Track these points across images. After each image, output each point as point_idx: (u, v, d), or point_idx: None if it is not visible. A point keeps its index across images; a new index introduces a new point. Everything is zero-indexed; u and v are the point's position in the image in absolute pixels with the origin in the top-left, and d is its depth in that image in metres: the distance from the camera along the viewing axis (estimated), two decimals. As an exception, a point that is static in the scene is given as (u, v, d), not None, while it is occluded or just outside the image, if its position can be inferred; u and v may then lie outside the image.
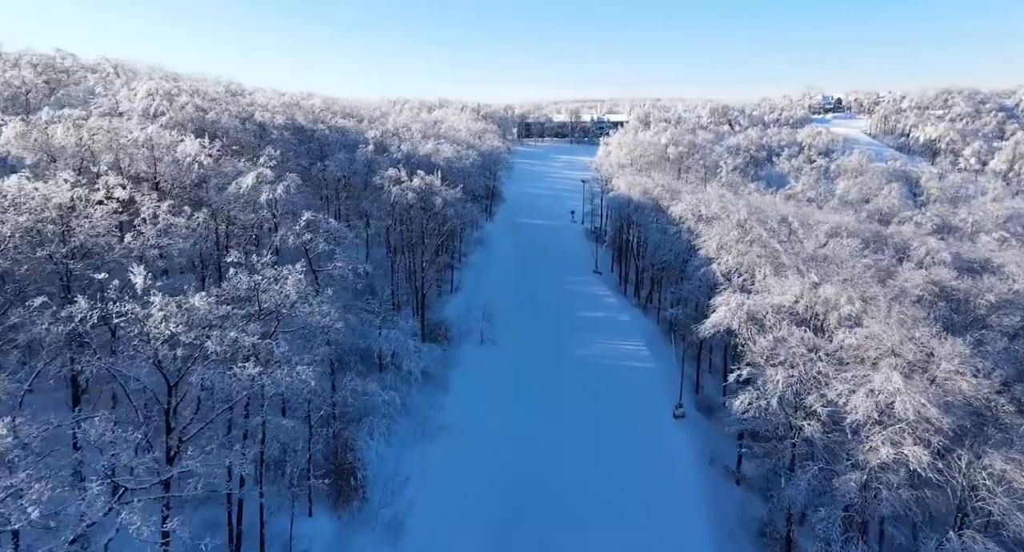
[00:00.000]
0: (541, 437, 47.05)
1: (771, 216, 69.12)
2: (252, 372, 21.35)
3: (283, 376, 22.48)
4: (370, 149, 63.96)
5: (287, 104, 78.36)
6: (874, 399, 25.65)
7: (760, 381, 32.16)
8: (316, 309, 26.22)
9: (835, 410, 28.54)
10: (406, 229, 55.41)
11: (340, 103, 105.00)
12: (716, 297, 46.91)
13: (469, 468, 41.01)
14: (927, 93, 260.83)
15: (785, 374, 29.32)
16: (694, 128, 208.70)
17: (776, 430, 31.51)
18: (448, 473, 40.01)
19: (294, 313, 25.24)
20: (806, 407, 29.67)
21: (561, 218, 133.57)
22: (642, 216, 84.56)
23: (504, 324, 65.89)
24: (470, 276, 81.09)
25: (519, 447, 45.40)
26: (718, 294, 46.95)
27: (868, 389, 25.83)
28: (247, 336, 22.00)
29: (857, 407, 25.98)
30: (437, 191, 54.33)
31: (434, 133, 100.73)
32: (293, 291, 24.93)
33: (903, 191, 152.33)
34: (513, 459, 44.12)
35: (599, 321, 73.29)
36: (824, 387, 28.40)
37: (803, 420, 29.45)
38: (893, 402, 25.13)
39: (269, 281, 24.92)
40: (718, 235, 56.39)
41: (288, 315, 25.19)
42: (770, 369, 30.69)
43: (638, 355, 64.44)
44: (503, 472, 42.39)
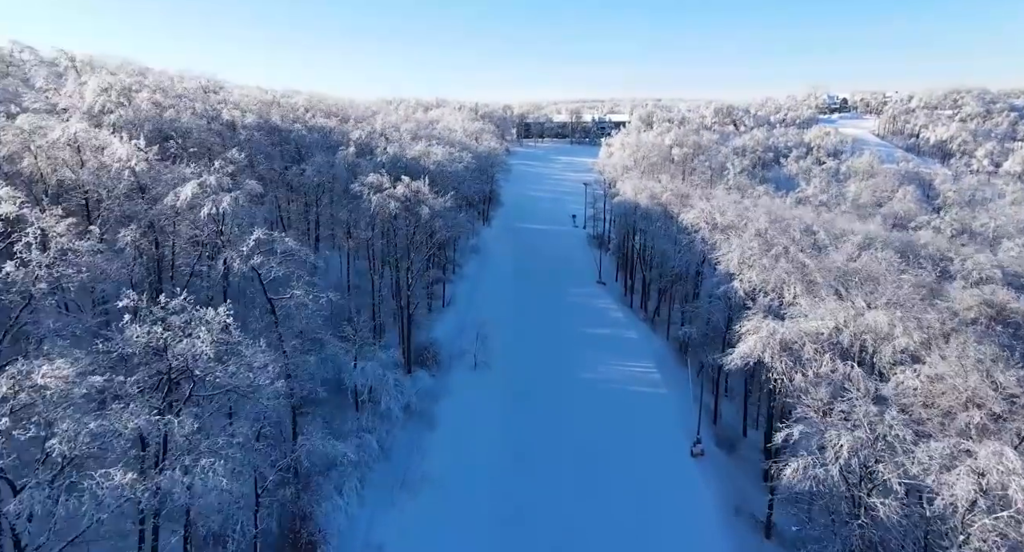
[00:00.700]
0: (540, 485, 40.86)
1: (793, 225, 63.10)
2: (122, 481, 14.97)
3: (178, 479, 16.23)
4: (351, 151, 57.68)
5: (264, 102, 72.21)
6: (978, 481, 19.71)
7: (814, 442, 26.11)
8: (252, 360, 20.18)
9: (915, 482, 22.52)
10: (390, 242, 49.27)
11: (328, 102, 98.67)
12: (743, 322, 40.83)
13: (456, 530, 34.82)
14: (935, 93, 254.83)
15: (850, 438, 23.31)
16: (698, 128, 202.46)
17: (835, 503, 25.41)
18: (430, 538, 33.81)
19: (211, 373, 19.16)
20: (875, 478, 23.67)
21: (562, 222, 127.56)
22: (649, 223, 78.49)
23: (500, 344, 59.78)
24: (464, 289, 74.95)
25: (514, 498, 39.21)
26: (745, 318, 40.85)
27: (970, 467, 19.90)
28: (128, 418, 15.75)
29: (953, 486, 20.02)
30: (424, 199, 48.17)
31: (427, 134, 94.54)
32: (207, 345, 18.78)
33: (917, 194, 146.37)
34: (508, 512, 37.99)
35: (604, 339, 67.14)
36: (901, 455, 22.45)
37: (874, 496, 23.41)
38: (1005, 485, 19.20)
39: (176, 333, 18.80)
40: (739, 248, 50.28)
41: (203, 377, 19.13)
42: (831, 431, 24.57)
43: (648, 379, 58.31)
44: (496, 529, 36.26)
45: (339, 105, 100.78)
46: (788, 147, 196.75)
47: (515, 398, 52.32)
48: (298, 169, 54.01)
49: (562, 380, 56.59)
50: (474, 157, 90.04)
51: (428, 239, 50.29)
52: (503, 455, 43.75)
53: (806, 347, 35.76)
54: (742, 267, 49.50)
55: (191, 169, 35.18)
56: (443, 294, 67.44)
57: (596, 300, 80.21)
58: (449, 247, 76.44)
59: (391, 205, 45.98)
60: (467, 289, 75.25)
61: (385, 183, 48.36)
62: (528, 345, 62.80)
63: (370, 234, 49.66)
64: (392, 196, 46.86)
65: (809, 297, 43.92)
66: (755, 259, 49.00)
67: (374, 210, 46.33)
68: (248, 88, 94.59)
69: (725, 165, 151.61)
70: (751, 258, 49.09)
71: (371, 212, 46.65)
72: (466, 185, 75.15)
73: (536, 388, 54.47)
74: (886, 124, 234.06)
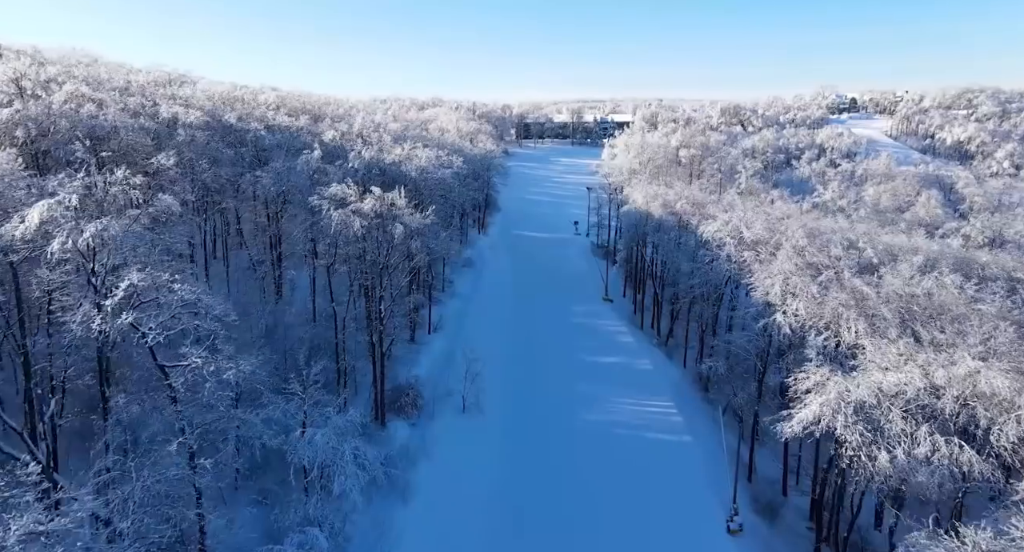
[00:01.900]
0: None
1: (834, 240, 54.47)
2: None
3: None
4: (315, 156, 48.85)
5: (226, 98, 63.57)
6: None
7: None
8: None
9: None
10: (355, 267, 40.58)
11: (307, 99, 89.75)
12: (799, 371, 32.19)
13: None
14: (947, 92, 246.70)
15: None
16: (704, 129, 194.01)
17: None
18: None
19: None
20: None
21: (563, 229, 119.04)
22: (662, 235, 69.91)
23: (495, 380, 51.25)
24: (454, 310, 66.27)
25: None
26: (802, 369, 32.20)
27: None
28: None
29: None
30: (399, 214, 39.47)
31: (415, 135, 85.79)
32: None
33: (939, 199, 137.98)
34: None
35: (614, 369, 58.51)
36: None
37: None
38: None
39: None
40: (781, 274, 41.66)
41: None
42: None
43: (668, 422, 49.68)
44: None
45: (316, 102, 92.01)
46: (799, 148, 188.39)
47: (511, 451, 43.72)
48: (252, 176, 45.46)
49: (567, 425, 48.01)
50: (466, 161, 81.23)
51: (405, 261, 41.63)
52: (497, 530, 35.14)
53: (892, 415, 27.13)
54: (786, 296, 40.86)
55: (56, 181, 26.04)
56: (429, 318, 58.75)
57: (603, 321, 71.58)
58: (438, 262, 67.82)
59: (356, 223, 37.37)
60: (458, 310, 66.58)
61: (350, 195, 39.69)
62: (527, 380, 54.25)
63: (331, 258, 41.05)
64: (358, 212, 38.18)
65: (874, 337, 35.31)
66: (801, 287, 40.37)
67: (335, 229, 37.73)
68: (223, 84, 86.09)
69: (736, 168, 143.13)
70: (796, 286, 40.45)
71: (331, 231, 38.06)
72: (456, 193, 66.39)
73: (536, 436, 45.88)
74: (899, 124, 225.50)
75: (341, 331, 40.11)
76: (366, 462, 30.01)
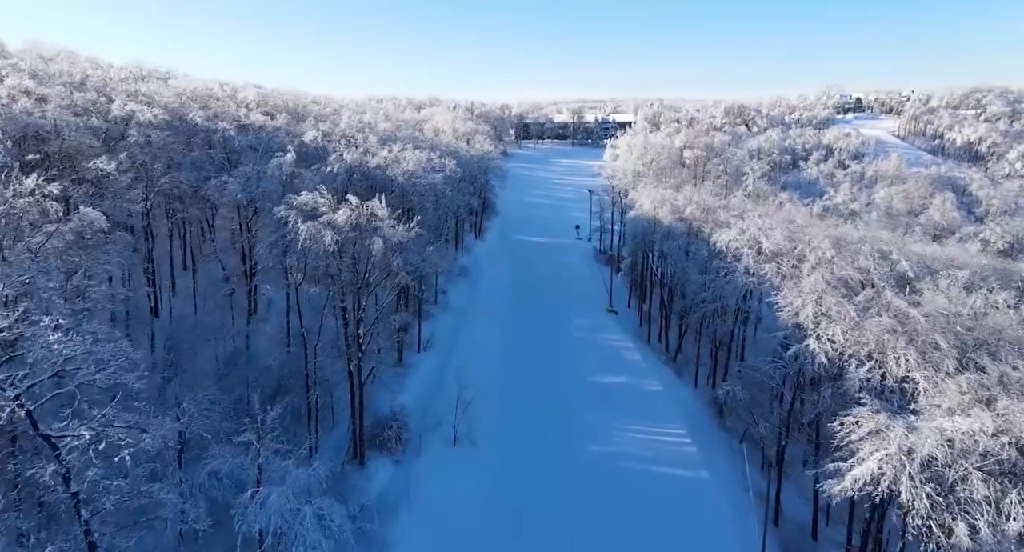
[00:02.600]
0: None
1: (864, 251, 49.65)
2: None
3: None
4: (288, 159, 43.72)
5: (198, 95, 58.56)
6: None
7: None
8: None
9: None
10: (331, 287, 35.58)
11: (294, 97, 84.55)
12: (845, 418, 27.27)
13: None
14: (955, 92, 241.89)
15: None
16: (708, 129, 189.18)
17: None
18: None
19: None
20: None
21: (564, 234, 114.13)
22: (671, 243, 65.00)
23: (490, 406, 46.46)
24: (447, 325, 61.32)
25: None
26: (848, 413, 27.27)
27: None
28: None
29: None
30: (379, 227, 34.50)
31: (406, 135, 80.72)
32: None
33: (954, 201, 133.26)
34: None
35: (620, 391, 53.65)
36: None
37: None
38: None
39: None
40: (814, 294, 36.77)
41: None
42: None
43: (681, 455, 44.76)
44: None
45: (302, 101, 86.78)
46: (805, 149, 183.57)
47: (506, 490, 38.85)
48: (219, 182, 40.61)
49: (569, 458, 43.14)
50: (461, 163, 76.17)
51: (387, 280, 36.66)
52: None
53: (970, 478, 22.25)
54: (820, 319, 35.98)
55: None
56: (419, 336, 53.81)
57: (608, 335, 66.66)
58: (430, 274, 62.87)
59: (327, 238, 32.49)
60: (451, 325, 61.64)
61: (323, 205, 34.77)
62: (525, 405, 49.38)
63: (300, 278, 36.06)
64: (331, 224, 33.27)
65: (927, 368, 30.45)
66: (837, 309, 35.50)
67: (303, 244, 32.84)
68: (198, 81, 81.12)
69: (742, 169, 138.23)
70: (831, 308, 35.59)
71: (299, 247, 33.17)
72: (448, 199, 61.22)
73: (534, 472, 41.00)
74: (907, 125, 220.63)
75: (312, 361, 35.23)
76: (332, 525, 25.09)
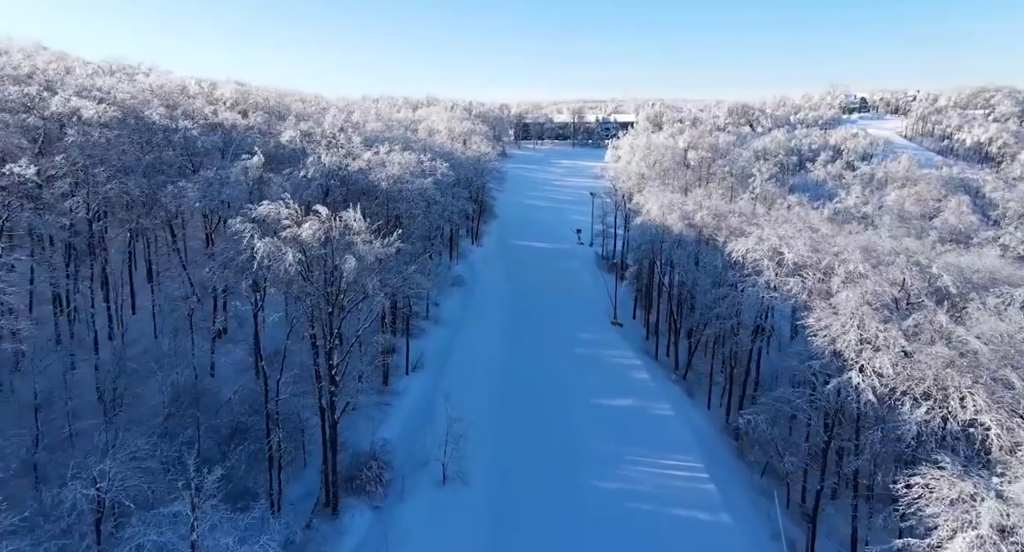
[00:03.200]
0: None
1: (899, 263, 44.94)
2: None
3: None
4: (255, 162, 38.61)
5: (167, 91, 53.70)
6: None
7: None
8: None
9: None
10: (296, 312, 30.74)
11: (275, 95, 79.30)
12: (910, 478, 22.49)
13: None
14: (962, 92, 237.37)
15: None
16: (711, 129, 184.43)
17: None
18: None
19: None
20: None
21: (564, 238, 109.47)
22: (681, 251, 60.28)
23: (484, 436, 41.75)
24: (439, 342, 56.48)
25: None
26: (922, 477, 22.47)
27: None
28: None
29: None
30: (351, 242, 29.56)
31: (398, 136, 75.84)
32: None
33: (969, 204, 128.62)
34: None
35: (628, 417, 48.84)
36: None
37: None
38: None
39: None
40: (855, 318, 31.97)
41: None
42: None
43: (698, 493, 39.88)
44: None
45: (284, 99, 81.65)
46: (812, 150, 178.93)
47: (504, 539, 34.08)
48: (176, 188, 35.81)
49: (572, 498, 38.34)
50: (455, 166, 71.25)
51: (364, 302, 31.74)
52: None
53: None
54: (864, 347, 31.20)
55: None
56: (408, 356, 48.99)
57: (613, 351, 61.86)
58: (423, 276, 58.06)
59: (289, 256, 27.67)
60: (443, 342, 56.83)
61: (285, 217, 29.87)
62: (524, 434, 44.58)
63: (258, 302, 31.16)
64: (294, 240, 28.39)
65: (1000, 411, 25.72)
66: (883, 335, 30.72)
67: (259, 263, 28.00)
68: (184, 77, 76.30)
69: (748, 171, 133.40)
70: (874, 332, 30.81)
71: (255, 267, 28.30)
72: (439, 206, 56.23)
73: (534, 515, 36.23)
74: (914, 125, 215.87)
75: (274, 399, 30.33)
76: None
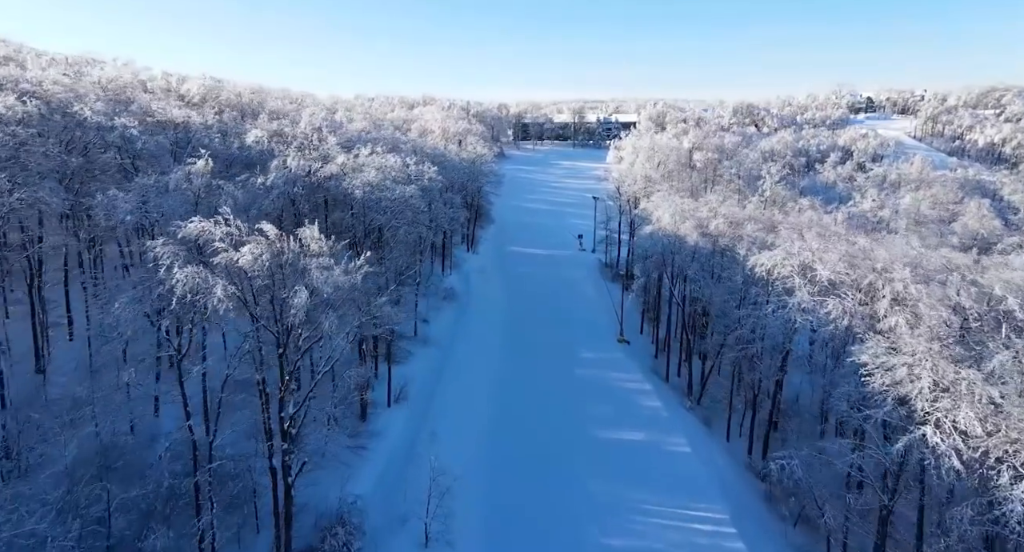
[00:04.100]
0: None
1: (953, 282, 39.13)
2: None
3: None
4: (200, 167, 32.33)
5: (120, 85, 47.70)
6: None
7: None
8: None
9: None
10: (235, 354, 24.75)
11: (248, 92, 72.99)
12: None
13: None
14: (972, 91, 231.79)
15: None
16: (716, 130, 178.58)
17: None
18: None
19: None
20: None
21: (565, 244, 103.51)
22: (696, 265, 54.47)
23: (474, 482, 36.03)
24: (427, 365, 50.54)
25: None
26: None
27: None
28: None
29: None
30: (306, 268, 23.31)
31: (387, 137, 69.96)
32: None
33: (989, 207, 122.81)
34: None
35: (639, 454, 43.06)
36: None
37: None
38: None
39: None
40: (928, 360, 26.10)
41: None
42: None
43: None
44: None
45: (260, 96, 75.46)
46: (820, 151, 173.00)
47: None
48: (106, 197, 29.97)
49: None
50: (447, 169, 65.31)
51: (322, 342, 25.58)
52: None
53: None
54: (936, 394, 25.38)
55: None
56: (388, 386, 43.10)
57: (619, 374, 56.02)
58: (409, 291, 52.27)
59: (218, 291, 21.62)
60: (431, 367, 50.90)
61: (219, 237, 23.67)
62: (520, 477, 38.80)
63: (181, 344, 25.02)
64: (227, 269, 22.28)
65: None
66: (965, 385, 24.88)
67: (179, 298, 21.84)
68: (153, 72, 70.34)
69: (755, 173, 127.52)
70: (958, 382, 24.98)
71: (172, 306, 22.18)
72: (425, 217, 49.76)
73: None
74: (924, 125, 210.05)
75: (203, 467, 24.27)
76: None
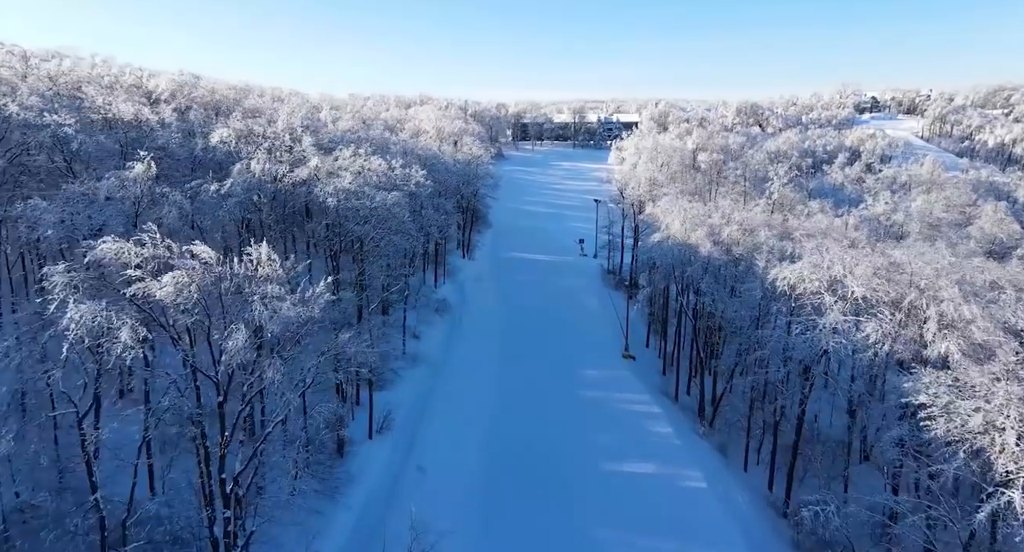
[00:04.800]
0: None
1: (1006, 300, 34.75)
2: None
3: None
4: (138, 172, 27.68)
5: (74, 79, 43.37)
6: None
7: None
8: None
9: None
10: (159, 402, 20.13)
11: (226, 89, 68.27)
12: None
13: None
14: (979, 90, 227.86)
15: None
16: (720, 130, 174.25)
17: None
18: None
19: None
20: None
21: (566, 250, 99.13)
22: (709, 277, 50.05)
23: (465, 535, 31.55)
24: (415, 388, 46.05)
25: None
26: None
27: None
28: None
29: None
30: (250, 298, 18.81)
31: (375, 137, 65.53)
32: None
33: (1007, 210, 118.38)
34: None
35: (649, 490, 38.63)
36: None
37: None
38: None
39: None
40: (1013, 407, 21.67)
41: None
42: None
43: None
44: None
45: (236, 93, 70.78)
46: (827, 151, 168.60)
47: None
48: (30, 207, 25.46)
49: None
50: (440, 171, 60.87)
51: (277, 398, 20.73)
52: None
53: None
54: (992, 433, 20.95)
55: None
56: (370, 415, 38.63)
57: (626, 394, 51.64)
58: (398, 305, 47.87)
59: (123, 335, 16.74)
60: (420, 388, 46.44)
61: (134, 261, 18.84)
62: (517, 523, 34.38)
63: (89, 399, 20.66)
64: (144, 302, 17.35)
65: None
66: None
67: (72, 347, 16.98)
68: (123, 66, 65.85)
69: (764, 174, 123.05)
70: None
71: (64, 353, 17.37)
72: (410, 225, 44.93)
73: None
74: (931, 125, 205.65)
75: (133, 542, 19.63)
76: None
